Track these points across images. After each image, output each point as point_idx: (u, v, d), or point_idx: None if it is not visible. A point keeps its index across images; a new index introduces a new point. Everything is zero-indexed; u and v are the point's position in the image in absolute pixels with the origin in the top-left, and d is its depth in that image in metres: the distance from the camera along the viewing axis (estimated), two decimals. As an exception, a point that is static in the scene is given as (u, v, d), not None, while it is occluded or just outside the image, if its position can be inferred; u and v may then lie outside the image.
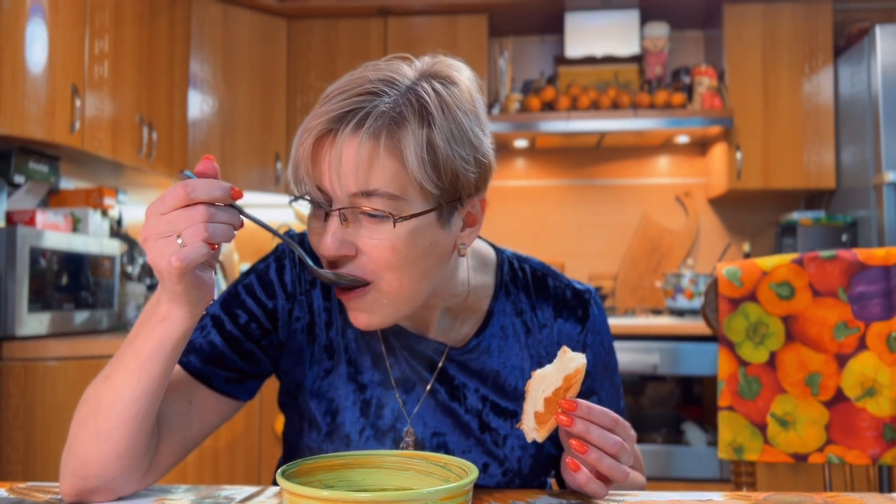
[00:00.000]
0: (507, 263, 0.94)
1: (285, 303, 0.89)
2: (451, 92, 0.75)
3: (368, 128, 0.71)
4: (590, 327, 0.93)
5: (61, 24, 2.29)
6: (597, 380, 0.93)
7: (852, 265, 1.10)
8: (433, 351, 0.88)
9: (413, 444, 0.86)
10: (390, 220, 0.72)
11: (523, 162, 3.62)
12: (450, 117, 0.74)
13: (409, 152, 0.71)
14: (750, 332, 1.13)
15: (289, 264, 0.90)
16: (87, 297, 2.43)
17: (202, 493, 0.83)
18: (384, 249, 0.73)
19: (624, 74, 3.33)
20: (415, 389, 0.88)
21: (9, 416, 2.03)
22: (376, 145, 0.71)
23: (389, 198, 0.72)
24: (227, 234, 0.67)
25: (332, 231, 0.73)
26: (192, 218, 0.65)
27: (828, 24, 3.15)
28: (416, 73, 0.77)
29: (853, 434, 1.09)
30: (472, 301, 0.89)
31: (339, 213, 0.73)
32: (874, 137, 2.82)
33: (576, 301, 0.93)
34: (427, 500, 0.59)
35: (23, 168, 2.38)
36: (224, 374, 0.86)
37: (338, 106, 0.72)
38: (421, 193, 0.73)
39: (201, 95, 3.15)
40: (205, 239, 0.65)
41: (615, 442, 0.71)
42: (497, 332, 0.90)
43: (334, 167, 0.72)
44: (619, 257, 3.56)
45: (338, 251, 0.73)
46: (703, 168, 3.55)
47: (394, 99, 0.73)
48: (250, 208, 3.68)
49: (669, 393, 3.18)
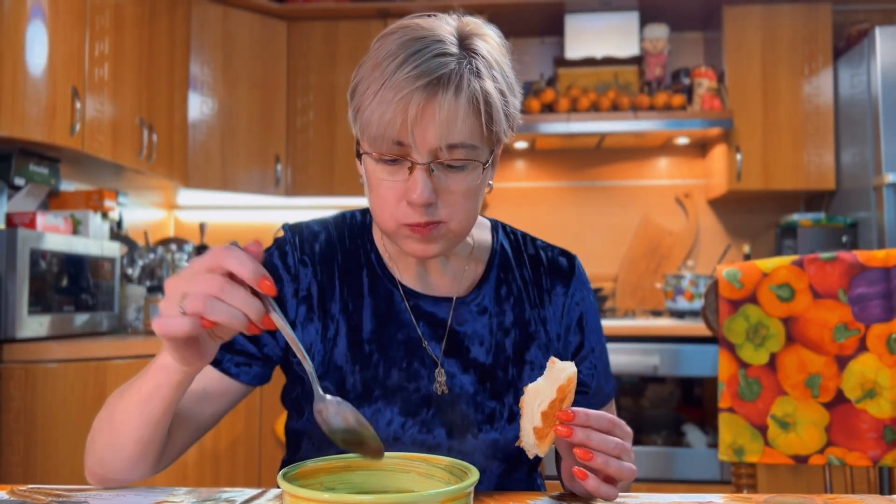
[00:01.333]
0: (500, 226, 1.04)
1: (290, 284, 0.94)
2: (492, 49, 0.86)
3: (456, 88, 0.79)
4: (578, 280, 1.01)
5: (61, 27, 2.29)
6: (591, 333, 1.00)
7: (852, 267, 1.10)
8: (440, 308, 0.94)
9: (444, 383, 0.91)
10: (469, 168, 0.82)
11: (523, 163, 3.63)
12: (501, 72, 0.85)
13: (483, 107, 0.80)
14: (750, 334, 1.13)
15: (290, 249, 0.95)
16: (87, 299, 2.43)
17: (203, 496, 0.83)
18: (461, 194, 0.83)
19: (624, 76, 3.33)
20: (421, 346, 0.93)
21: (9, 419, 2.03)
22: (462, 103, 0.79)
23: (469, 148, 0.81)
24: (231, 316, 0.63)
25: (422, 182, 0.80)
26: (200, 286, 0.63)
27: (827, 25, 3.15)
28: (457, 33, 0.85)
29: (853, 436, 1.09)
30: (477, 253, 0.99)
31: (428, 165, 0.81)
32: (874, 139, 2.82)
33: (563, 258, 1.02)
34: (428, 502, 0.59)
35: (23, 170, 2.38)
36: (235, 359, 0.91)
37: (423, 69, 0.78)
38: (488, 141, 0.83)
39: (201, 97, 3.15)
40: (198, 312, 0.63)
41: (616, 444, 0.72)
42: (496, 281, 0.98)
43: (429, 124, 0.79)
44: (619, 259, 3.56)
45: (428, 199, 0.81)
46: (703, 169, 3.55)
47: (458, 59, 0.81)
48: (250, 210, 3.69)
49: (670, 394, 3.18)
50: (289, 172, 3.36)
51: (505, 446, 0.91)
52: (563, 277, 1.00)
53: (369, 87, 0.81)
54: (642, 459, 2.79)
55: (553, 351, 0.97)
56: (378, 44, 0.85)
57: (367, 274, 0.95)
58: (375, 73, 0.81)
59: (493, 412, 0.91)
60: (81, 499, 0.80)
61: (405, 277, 0.96)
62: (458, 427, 0.90)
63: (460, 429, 0.90)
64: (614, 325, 2.83)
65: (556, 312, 0.98)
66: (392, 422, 0.89)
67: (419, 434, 0.89)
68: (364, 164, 0.86)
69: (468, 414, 0.90)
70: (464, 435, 0.90)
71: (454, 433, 0.90)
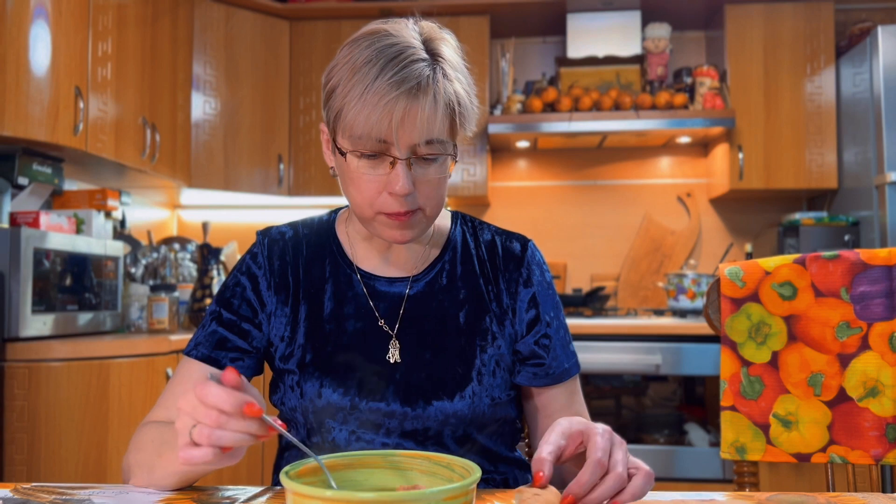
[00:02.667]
0: (460, 216, 1.12)
1: (263, 279, 1.05)
2: (453, 51, 0.94)
3: (434, 93, 0.88)
4: (531, 261, 1.06)
5: (64, 27, 2.30)
6: (546, 309, 1.04)
7: (854, 265, 1.10)
8: (395, 286, 1.03)
9: (398, 355, 0.99)
10: (441, 160, 0.92)
11: (525, 163, 3.63)
12: (463, 73, 0.94)
13: (457, 108, 0.91)
14: (752, 333, 1.13)
15: (259, 249, 1.07)
16: (90, 298, 2.44)
17: (206, 493, 0.83)
18: (435, 184, 0.93)
19: (626, 75, 3.33)
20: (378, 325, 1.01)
21: (13, 418, 2.03)
22: (440, 106, 0.89)
23: (442, 143, 0.91)
24: (237, 440, 0.68)
25: (404, 175, 0.89)
26: (203, 418, 0.67)
27: (829, 24, 3.15)
28: (421, 38, 0.92)
29: (856, 434, 1.09)
30: (436, 238, 1.07)
31: (408, 160, 0.90)
32: (876, 137, 2.82)
33: (517, 242, 1.08)
34: (430, 499, 0.59)
35: (26, 170, 2.39)
36: (229, 355, 1.00)
37: (404, 76, 0.87)
38: (454, 135, 0.94)
39: (204, 97, 3.15)
40: (210, 443, 0.67)
41: (615, 483, 0.71)
42: (451, 260, 1.06)
43: (411, 125, 0.88)
44: (621, 258, 3.56)
45: (409, 190, 0.90)
46: (705, 168, 3.55)
47: (431, 65, 0.89)
48: (253, 210, 3.69)
49: (672, 393, 3.18)
50: (291, 172, 3.36)
51: (456, 413, 0.96)
52: (516, 260, 1.06)
53: (352, 91, 0.88)
54: (645, 458, 2.78)
55: (507, 323, 1.02)
56: (349, 49, 0.91)
57: (329, 262, 1.05)
58: (356, 78, 0.88)
59: (446, 381, 0.97)
60: (84, 497, 0.81)
61: (364, 263, 1.05)
62: (413, 396, 0.96)
63: (415, 397, 0.96)
64: (616, 324, 2.83)
65: (510, 290, 1.04)
66: (349, 392, 0.96)
67: (376, 403, 0.96)
68: (346, 159, 0.92)
69: (422, 383, 0.96)
70: (418, 403, 0.95)
71: (409, 402, 0.96)
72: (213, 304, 1.05)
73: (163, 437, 0.89)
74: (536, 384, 1.03)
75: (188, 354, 1.01)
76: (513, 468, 1.04)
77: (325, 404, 0.96)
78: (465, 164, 3.27)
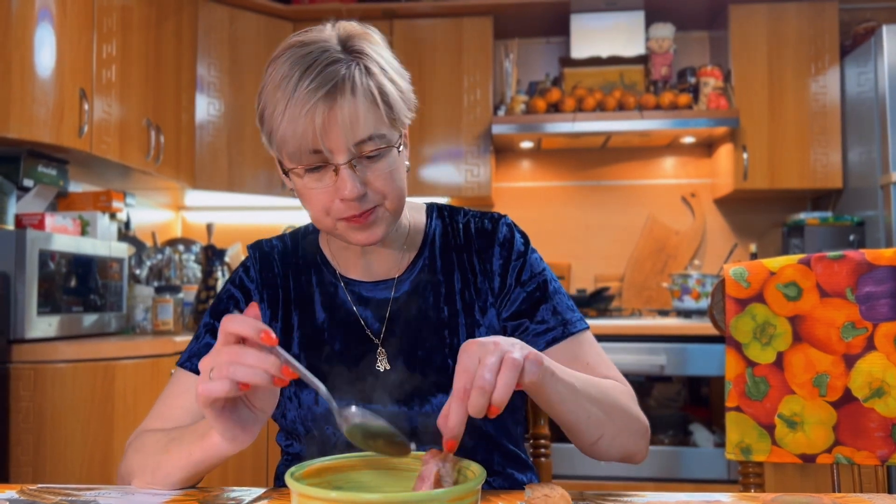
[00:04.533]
0: (435, 207, 1.12)
1: (256, 293, 1.07)
2: (374, 44, 0.93)
3: (352, 89, 0.86)
4: (506, 235, 1.05)
5: (69, 29, 2.31)
6: (515, 274, 1.03)
7: (860, 265, 1.10)
8: (379, 291, 1.03)
9: (385, 361, 0.99)
10: (384, 154, 0.90)
11: (529, 163, 3.63)
12: (387, 62, 0.92)
13: (380, 99, 0.89)
14: (757, 333, 1.13)
15: (251, 263, 1.09)
16: (95, 299, 2.44)
17: (211, 495, 0.83)
18: (385, 178, 0.91)
19: (629, 75, 3.33)
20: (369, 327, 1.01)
21: (18, 419, 2.04)
22: (361, 101, 0.87)
23: (378, 138, 0.89)
24: (254, 376, 0.69)
25: (349, 179, 0.88)
26: (220, 357, 0.71)
27: (834, 23, 3.14)
28: (339, 38, 0.92)
29: (861, 435, 1.08)
30: (413, 235, 1.06)
31: (350, 163, 0.88)
32: (881, 137, 2.81)
33: (488, 221, 1.07)
34: (436, 501, 0.59)
35: (32, 172, 2.40)
36: None
37: (320, 81, 0.86)
38: (392, 127, 0.91)
39: (208, 99, 3.16)
40: (227, 376, 0.70)
41: (477, 401, 0.70)
42: (430, 258, 1.06)
43: (337, 128, 0.86)
44: (625, 258, 3.56)
45: (359, 192, 0.88)
46: (710, 168, 3.54)
47: (347, 63, 0.88)
48: (257, 211, 3.70)
49: (676, 394, 3.18)
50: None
51: None
52: (489, 235, 1.05)
53: (276, 108, 0.87)
54: (650, 459, 2.79)
55: (492, 302, 1.02)
56: (271, 69, 0.91)
57: (314, 272, 1.06)
58: (278, 94, 0.87)
59: (439, 377, 0.97)
60: (90, 498, 0.81)
61: (347, 270, 1.05)
62: (409, 396, 0.96)
63: (412, 397, 0.96)
64: (621, 325, 2.83)
65: (485, 270, 1.03)
66: (345, 397, 0.95)
67: (373, 406, 0.95)
68: (292, 179, 0.93)
69: (418, 383, 0.97)
70: (414, 402, 0.95)
71: (406, 402, 0.95)
72: (207, 316, 1.06)
73: (168, 436, 0.90)
74: None
75: (182, 366, 1.02)
76: (517, 463, 1.03)
77: (323, 411, 0.96)
78: (468, 165, 3.27)
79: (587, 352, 1.01)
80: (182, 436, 0.86)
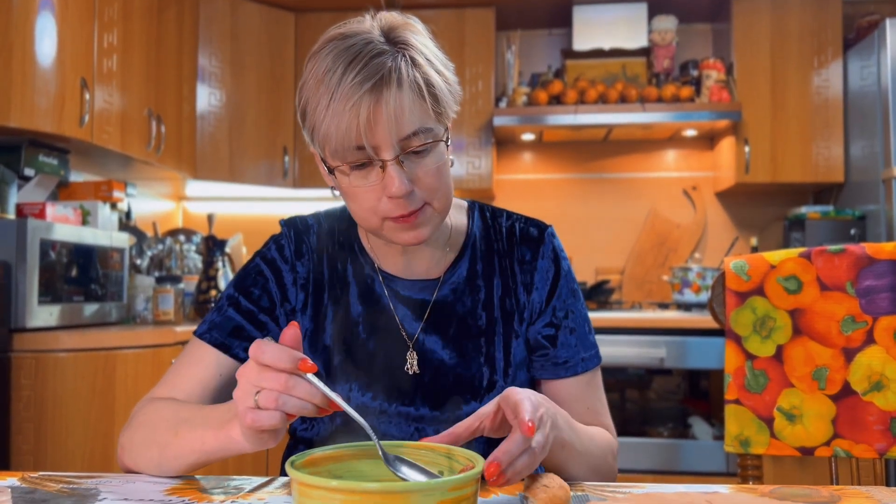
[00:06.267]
0: (477, 206, 1.08)
1: (289, 273, 1.02)
2: (417, 34, 0.90)
3: (399, 82, 0.83)
4: (549, 247, 1.03)
5: (70, 18, 2.30)
6: (555, 294, 1.01)
7: (860, 259, 1.10)
8: (417, 291, 1.00)
9: (416, 365, 0.97)
10: (432, 149, 0.87)
11: (530, 155, 3.62)
12: (433, 54, 0.89)
13: (426, 91, 0.85)
14: (757, 326, 1.13)
15: (286, 242, 1.04)
16: (96, 289, 2.45)
17: (211, 483, 0.84)
18: (433, 175, 0.88)
19: (632, 68, 3.32)
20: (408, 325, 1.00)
21: (20, 408, 2.04)
22: (407, 94, 0.84)
23: (425, 132, 0.86)
24: (301, 408, 0.68)
25: (397, 176, 0.84)
26: (269, 382, 0.68)
27: (837, 17, 3.13)
28: (381, 30, 0.88)
29: (860, 428, 1.09)
30: (455, 236, 1.03)
31: (397, 158, 0.85)
32: (883, 131, 2.81)
33: (534, 228, 1.05)
34: (436, 490, 0.60)
35: (33, 161, 2.40)
36: (243, 344, 0.98)
37: (366, 74, 0.82)
38: (438, 121, 0.88)
39: (209, 89, 3.15)
40: (277, 408, 0.68)
41: (530, 463, 0.72)
42: (471, 259, 1.03)
43: (383, 123, 0.83)
44: (626, 251, 3.56)
45: (407, 189, 0.85)
46: (711, 162, 3.54)
47: (392, 55, 0.84)
48: (258, 202, 3.70)
49: (676, 387, 3.18)
50: (296, 164, 3.36)
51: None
52: (534, 245, 1.03)
53: (319, 103, 0.84)
54: (649, 451, 2.79)
55: (528, 317, 1.01)
56: (312, 63, 0.88)
57: (351, 262, 1.03)
58: (321, 89, 0.84)
59: (473, 385, 0.96)
60: (91, 486, 0.81)
61: (385, 264, 1.02)
62: (441, 400, 0.95)
63: (444, 401, 0.95)
64: (621, 318, 2.83)
65: (525, 281, 1.02)
66: (377, 397, 0.96)
67: (405, 407, 0.96)
68: (337, 178, 0.89)
69: (448, 388, 0.96)
70: (445, 408, 0.95)
71: (438, 406, 0.95)
72: (232, 288, 1.02)
73: (178, 415, 0.87)
74: (543, 376, 1.01)
75: (201, 337, 0.98)
76: None
77: (354, 407, 0.93)
78: (470, 157, 3.27)
79: (591, 395, 1.03)
80: (194, 418, 0.84)
